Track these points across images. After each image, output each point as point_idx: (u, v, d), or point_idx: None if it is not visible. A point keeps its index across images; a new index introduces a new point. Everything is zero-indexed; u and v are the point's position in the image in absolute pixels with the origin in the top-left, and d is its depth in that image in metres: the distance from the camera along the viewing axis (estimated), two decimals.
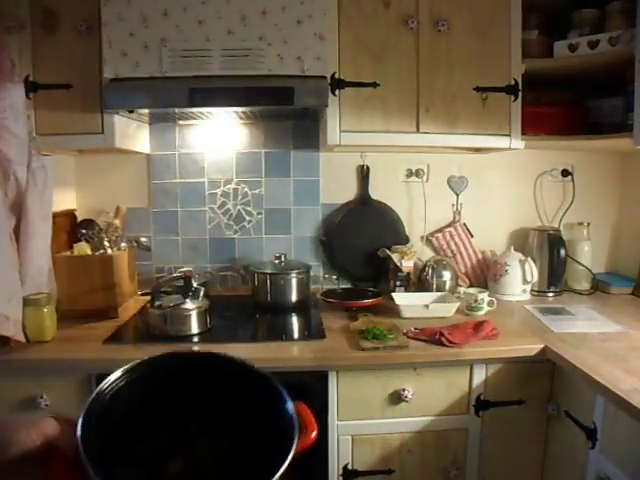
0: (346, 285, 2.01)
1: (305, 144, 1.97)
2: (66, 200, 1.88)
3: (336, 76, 1.57)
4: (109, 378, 0.53)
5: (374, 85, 1.59)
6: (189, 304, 1.48)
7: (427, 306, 1.62)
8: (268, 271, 1.78)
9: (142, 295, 1.85)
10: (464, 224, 2.03)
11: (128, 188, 1.97)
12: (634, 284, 1.92)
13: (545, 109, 1.73)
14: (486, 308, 1.67)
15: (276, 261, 1.82)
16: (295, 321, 1.70)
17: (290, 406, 0.51)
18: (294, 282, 1.76)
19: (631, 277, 1.96)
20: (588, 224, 2.01)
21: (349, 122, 1.60)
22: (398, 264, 1.83)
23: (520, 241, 2.02)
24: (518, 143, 1.67)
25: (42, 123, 1.54)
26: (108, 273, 1.62)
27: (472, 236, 2.03)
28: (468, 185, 2.03)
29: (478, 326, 1.47)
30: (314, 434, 0.51)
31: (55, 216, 1.58)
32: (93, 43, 1.50)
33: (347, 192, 2.01)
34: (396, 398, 1.39)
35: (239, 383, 0.57)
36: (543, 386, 1.43)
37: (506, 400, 1.41)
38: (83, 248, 1.65)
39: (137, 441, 0.53)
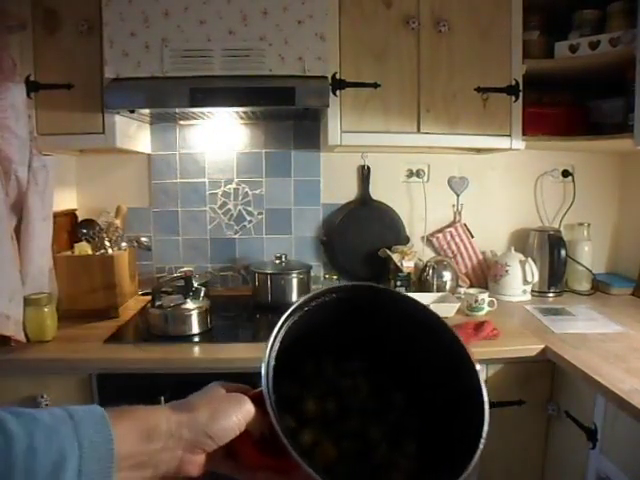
0: None
1: (306, 144, 1.97)
2: (67, 200, 1.88)
3: (337, 76, 1.57)
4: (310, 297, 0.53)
5: (375, 85, 1.59)
6: (190, 304, 1.48)
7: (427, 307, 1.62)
8: (269, 271, 1.79)
9: (143, 295, 1.85)
10: (464, 224, 2.03)
11: (129, 188, 1.97)
12: (634, 285, 1.92)
13: (546, 110, 1.73)
14: (486, 308, 1.67)
15: (277, 261, 1.82)
16: None
17: (484, 394, 0.49)
18: (295, 282, 1.76)
19: (631, 278, 1.96)
20: (588, 224, 2.01)
21: (350, 122, 1.60)
22: (399, 264, 1.84)
23: (520, 241, 2.02)
24: (519, 144, 1.67)
25: (43, 123, 1.54)
26: (109, 273, 1.62)
27: (472, 236, 2.03)
28: (469, 185, 2.03)
29: (478, 326, 1.47)
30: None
31: (56, 216, 1.58)
32: (94, 43, 1.50)
33: (348, 192, 2.01)
34: None
35: (430, 339, 0.56)
36: (543, 386, 1.43)
37: (506, 400, 1.41)
38: (84, 248, 1.65)
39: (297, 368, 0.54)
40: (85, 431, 0.38)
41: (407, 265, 1.84)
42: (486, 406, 0.48)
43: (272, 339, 0.49)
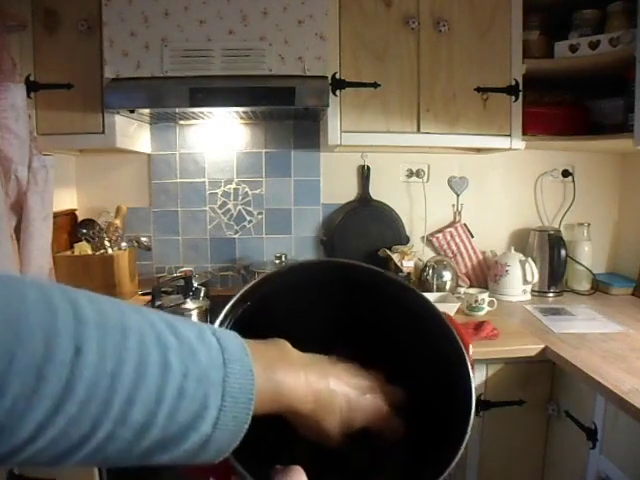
0: None
1: (306, 144, 1.97)
2: (67, 200, 1.88)
3: (337, 76, 1.57)
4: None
5: (375, 85, 1.59)
6: (189, 304, 1.48)
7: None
8: (269, 271, 1.78)
9: (142, 295, 1.85)
10: (464, 224, 2.03)
11: (129, 188, 1.97)
12: (634, 284, 1.92)
13: (546, 109, 1.73)
14: (486, 308, 1.67)
15: (277, 261, 1.82)
16: None
17: (471, 383, 0.45)
18: None
19: (631, 277, 1.96)
20: (588, 224, 2.01)
21: (350, 122, 1.60)
22: (398, 264, 1.84)
23: (520, 241, 2.02)
24: (519, 143, 1.67)
25: (43, 123, 1.55)
26: (109, 273, 1.62)
27: (472, 236, 2.03)
28: (469, 185, 2.03)
29: (478, 326, 1.47)
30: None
31: (56, 216, 1.58)
32: (94, 43, 1.50)
33: (348, 192, 2.01)
34: None
35: (417, 322, 0.50)
36: (543, 386, 1.43)
37: (506, 400, 1.41)
38: (84, 248, 1.65)
39: None
40: (232, 386, 0.35)
41: (407, 265, 1.84)
42: (473, 397, 0.44)
43: (220, 318, 0.44)
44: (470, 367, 0.46)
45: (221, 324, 0.44)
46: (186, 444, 0.33)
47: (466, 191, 2.03)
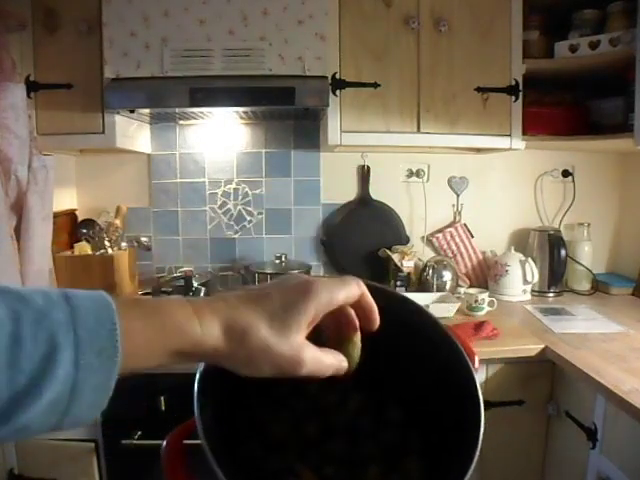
0: None
1: (306, 144, 1.97)
2: (67, 200, 1.88)
3: (337, 76, 1.57)
4: None
5: (375, 85, 1.59)
6: None
7: (427, 306, 1.62)
8: (269, 271, 1.78)
9: (142, 295, 1.85)
10: (464, 224, 2.03)
11: (129, 188, 1.97)
12: (634, 284, 1.92)
13: (546, 109, 1.73)
14: (486, 308, 1.67)
15: (277, 261, 1.82)
16: None
17: (478, 390, 0.44)
18: None
19: (631, 277, 1.96)
20: (588, 224, 2.01)
21: (350, 122, 1.60)
22: (398, 264, 1.84)
23: (520, 241, 2.02)
24: (519, 143, 1.67)
25: (43, 123, 1.55)
26: (109, 273, 1.62)
27: (472, 236, 2.03)
28: (469, 185, 2.03)
29: (478, 326, 1.47)
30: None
31: (56, 216, 1.58)
32: (94, 43, 1.50)
33: (348, 192, 2.01)
34: None
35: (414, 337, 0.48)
36: (543, 386, 1.43)
37: (506, 400, 1.40)
38: (84, 248, 1.65)
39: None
40: (84, 318, 0.31)
41: (407, 265, 1.84)
42: (481, 408, 0.44)
43: None
44: (475, 374, 0.47)
45: None
46: (48, 393, 0.30)
47: (466, 191, 2.03)
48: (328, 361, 0.41)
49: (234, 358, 0.37)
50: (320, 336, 0.42)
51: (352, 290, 0.43)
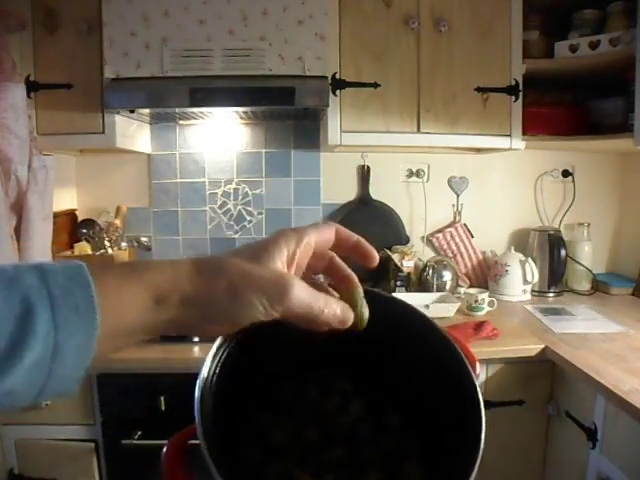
0: None
1: (306, 144, 1.97)
2: (67, 200, 1.88)
3: (337, 76, 1.57)
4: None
5: (375, 85, 1.59)
6: None
7: (427, 306, 1.62)
8: None
9: None
10: (464, 224, 2.03)
11: (129, 188, 1.97)
12: (634, 284, 1.92)
13: (546, 109, 1.73)
14: (486, 308, 1.67)
15: None
16: None
17: (478, 391, 0.44)
18: None
19: (631, 277, 1.96)
20: (588, 224, 2.01)
21: (350, 122, 1.60)
22: (398, 264, 1.83)
23: (521, 241, 2.02)
24: (519, 143, 1.67)
25: (43, 123, 1.55)
26: None
27: (472, 236, 2.03)
28: (469, 185, 2.03)
29: (478, 326, 1.47)
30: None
31: (56, 216, 1.58)
32: (94, 43, 1.50)
33: (348, 192, 2.01)
34: None
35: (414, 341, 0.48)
36: (543, 386, 1.43)
37: (506, 400, 1.41)
38: (84, 248, 1.66)
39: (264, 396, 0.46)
40: (55, 279, 0.31)
41: (407, 265, 1.84)
42: (481, 408, 0.43)
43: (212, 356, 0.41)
44: (475, 378, 0.46)
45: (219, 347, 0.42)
46: (29, 353, 0.29)
47: (466, 191, 2.03)
48: (330, 302, 0.40)
49: (217, 294, 0.35)
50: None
51: (322, 226, 0.43)
